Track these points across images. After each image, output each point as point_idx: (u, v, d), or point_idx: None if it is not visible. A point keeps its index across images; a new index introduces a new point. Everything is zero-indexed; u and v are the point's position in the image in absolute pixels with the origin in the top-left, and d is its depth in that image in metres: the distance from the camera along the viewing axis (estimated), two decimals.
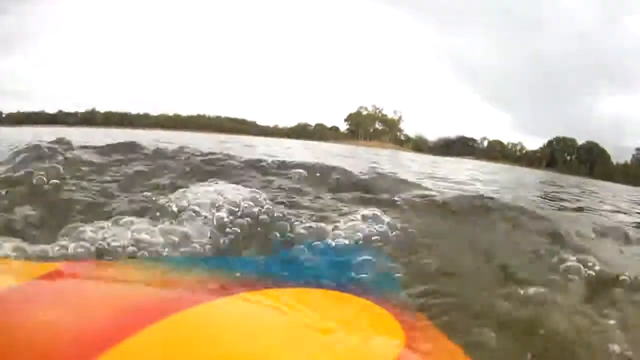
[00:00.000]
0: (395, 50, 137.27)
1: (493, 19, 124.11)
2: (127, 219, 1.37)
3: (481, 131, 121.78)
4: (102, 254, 1.12)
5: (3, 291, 0.50)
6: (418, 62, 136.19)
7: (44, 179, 1.78)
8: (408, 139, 75.35)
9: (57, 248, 1.08)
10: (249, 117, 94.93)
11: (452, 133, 77.09)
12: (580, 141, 67.65)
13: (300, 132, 71.73)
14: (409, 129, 77.75)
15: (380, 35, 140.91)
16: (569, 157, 67.46)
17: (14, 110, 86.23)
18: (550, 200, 6.04)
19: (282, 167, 2.55)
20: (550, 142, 69.69)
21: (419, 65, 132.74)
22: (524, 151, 70.46)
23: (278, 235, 1.46)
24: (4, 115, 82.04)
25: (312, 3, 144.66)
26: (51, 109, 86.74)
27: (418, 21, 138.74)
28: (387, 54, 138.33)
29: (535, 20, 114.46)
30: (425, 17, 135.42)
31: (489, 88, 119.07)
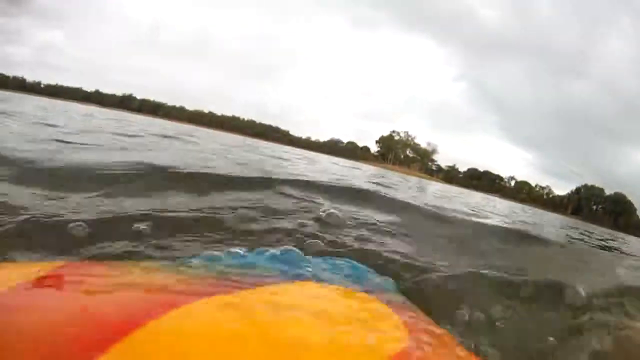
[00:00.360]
0: (422, 78, 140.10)
1: (529, 55, 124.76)
2: None
3: (508, 169, 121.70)
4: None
5: (3, 291, 0.48)
6: (445, 92, 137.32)
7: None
8: (440, 169, 76.08)
9: None
10: (283, 126, 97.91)
11: (480, 167, 77.17)
12: (608, 191, 67.63)
13: (332, 147, 72.97)
14: (441, 159, 78.61)
15: (412, 63, 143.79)
16: (595, 207, 67.19)
17: (52, 82, 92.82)
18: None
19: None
20: (578, 189, 69.81)
21: (445, 95, 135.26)
22: (551, 195, 70.62)
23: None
24: (42, 86, 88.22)
25: (352, 30, 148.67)
26: (88, 87, 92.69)
27: (446, 47, 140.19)
28: (416, 81, 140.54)
29: (574, 61, 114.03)
30: (455, 46, 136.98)
31: (519, 125, 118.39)
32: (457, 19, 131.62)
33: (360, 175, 8.26)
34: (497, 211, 7.90)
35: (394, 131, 78.33)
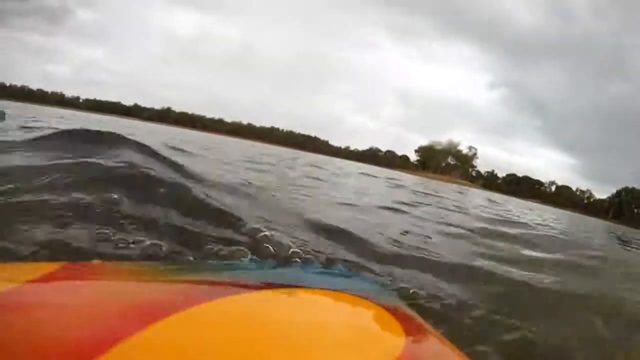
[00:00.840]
0: (462, 85, 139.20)
1: (571, 57, 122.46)
2: None
3: (548, 174, 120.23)
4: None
5: (3, 291, 0.48)
6: (485, 98, 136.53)
7: None
8: (479, 175, 76.60)
9: None
10: (322, 136, 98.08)
11: (519, 172, 77.57)
12: None
13: (371, 156, 75.46)
14: (481, 165, 78.92)
15: (451, 70, 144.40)
16: (636, 210, 66.31)
17: (91, 97, 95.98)
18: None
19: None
20: (618, 192, 69.14)
21: (485, 101, 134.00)
22: (591, 199, 70.24)
23: None
24: (81, 101, 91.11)
25: (391, 39, 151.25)
26: (127, 102, 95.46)
27: (485, 53, 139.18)
28: (455, 88, 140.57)
29: (617, 64, 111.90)
30: (496, 48, 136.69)
31: (559, 128, 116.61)
32: (494, 24, 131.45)
33: (404, 194, 7.51)
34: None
35: (434, 141, 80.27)
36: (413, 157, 79.76)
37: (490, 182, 72.49)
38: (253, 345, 0.46)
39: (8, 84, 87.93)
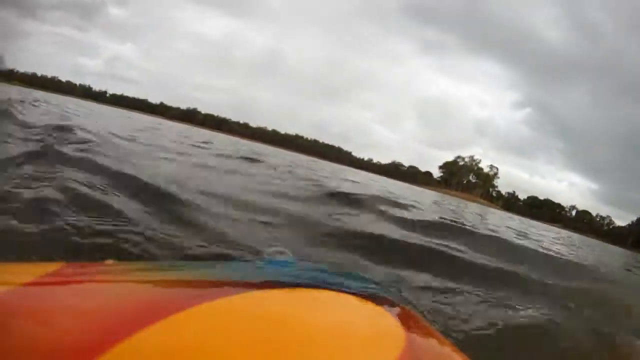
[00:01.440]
0: (486, 102, 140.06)
1: (597, 80, 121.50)
2: None
3: (570, 198, 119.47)
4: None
5: (3, 292, 0.48)
6: (509, 117, 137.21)
7: None
8: (500, 196, 76.65)
9: None
10: (345, 147, 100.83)
11: (539, 194, 78.11)
12: None
13: (393, 170, 76.17)
14: (501, 185, 79.09)
15: (477, 88, 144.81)
16: None
17: (118, 92, 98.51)
18: None
19: None
20: (638, 220, 68.55)
21: (509, 120, 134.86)
22: (611, 226, 69.70)
23: None
24: (107, 95, 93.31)
25: (420, 54, 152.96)
26: (153, 99, 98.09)
27: (512, 71, 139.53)
28: (480, 105, 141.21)
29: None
30: (523, 67, 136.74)
31: (582, 152, 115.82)
32: (523, 43, 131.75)
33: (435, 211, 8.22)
34: None
35: (459, 156, 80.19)
36: (436, 173, 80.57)
37: (510, 203, 72.66)
38: (253, 345, 0.46)
39: (39, 74, 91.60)
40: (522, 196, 77.83)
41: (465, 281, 2.30)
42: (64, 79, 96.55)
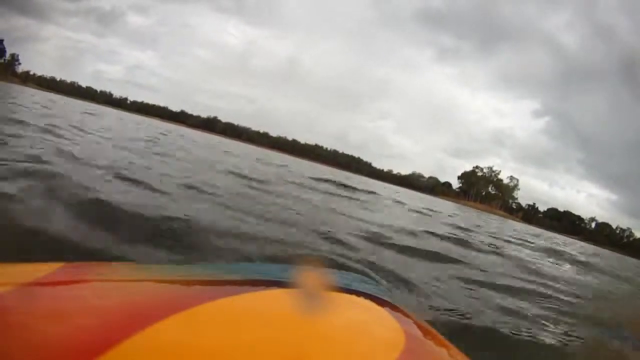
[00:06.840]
0: (507, 110, 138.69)
1: (617, 89, 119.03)
2: None
3: (589, 209, 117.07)
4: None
5: (3, 292, 0.48)
6: (530, 124, 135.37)
7: None
8: (520, 207, 75.14)
9: None
10: (365, 157, 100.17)
11: (558, 204, 76.31)
12: None
13: (413, 182, 75.92)
14: (521, 197, 77.57)
15: (496, 97, 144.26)
16: None
17: (139, 100, 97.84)
18: None
19: None
20: None
21: (530, 127, 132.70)
22: (631, 238, 68.10)
23: None
24: (128, 102, 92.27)
25: (437, 63, 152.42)
26: (174, 107, 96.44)
27: (536, 81, 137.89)
28: (499, 115, 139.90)
29: None
30: (544, 77, 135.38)
31: (602, 162, 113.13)
32: (545, 51, 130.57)
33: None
34: None
35: (477, 167, 79.62)
36: (455, 183, 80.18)
37: (530, 215, 71.93)
38: (252, 345, 0.46)
39: (58, 79, 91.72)
40: (541, 207, 77.20)
41: None
42: (84, 85, 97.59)
